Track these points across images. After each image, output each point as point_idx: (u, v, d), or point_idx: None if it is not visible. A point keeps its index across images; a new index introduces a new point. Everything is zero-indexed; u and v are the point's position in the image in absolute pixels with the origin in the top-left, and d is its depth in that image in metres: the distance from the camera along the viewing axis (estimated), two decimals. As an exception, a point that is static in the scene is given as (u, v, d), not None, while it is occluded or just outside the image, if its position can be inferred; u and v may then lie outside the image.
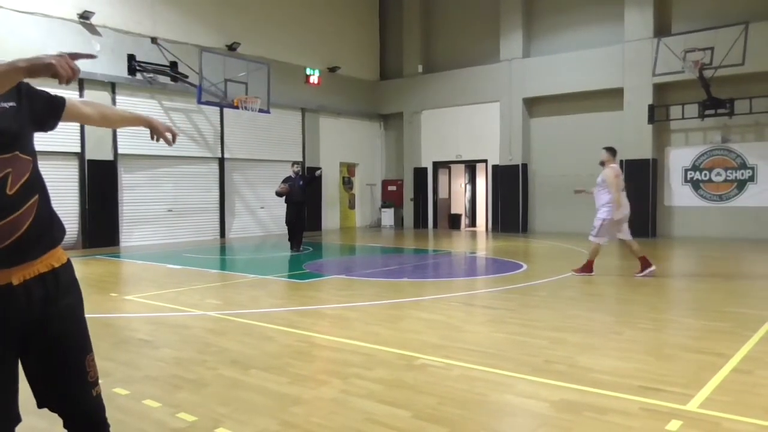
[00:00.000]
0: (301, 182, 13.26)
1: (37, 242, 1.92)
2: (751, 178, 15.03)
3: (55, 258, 1.98)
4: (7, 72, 1.63)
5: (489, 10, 18.79)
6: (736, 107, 14.36)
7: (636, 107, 15.85)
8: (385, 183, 21.49)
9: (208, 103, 14.57)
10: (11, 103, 1.88)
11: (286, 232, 13.47)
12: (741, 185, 15.17)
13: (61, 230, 2.05)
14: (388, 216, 20.81)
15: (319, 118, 19.36)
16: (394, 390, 3.96)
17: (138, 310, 6.85)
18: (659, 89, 15.78)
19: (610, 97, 16.45)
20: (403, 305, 7.04)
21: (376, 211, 21.49)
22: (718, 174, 15.46)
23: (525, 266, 10.27)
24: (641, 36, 15.80)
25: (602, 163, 9.10)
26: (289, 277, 9.43)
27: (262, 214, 17.73)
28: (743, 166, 15.13)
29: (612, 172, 8.85)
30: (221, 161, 16.54)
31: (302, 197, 13.29)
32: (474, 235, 18.18)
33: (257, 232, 17.53)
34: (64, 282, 1.99)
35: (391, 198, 21.09)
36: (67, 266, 2.04)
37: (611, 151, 9.13)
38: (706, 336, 5.44)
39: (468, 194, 21.54)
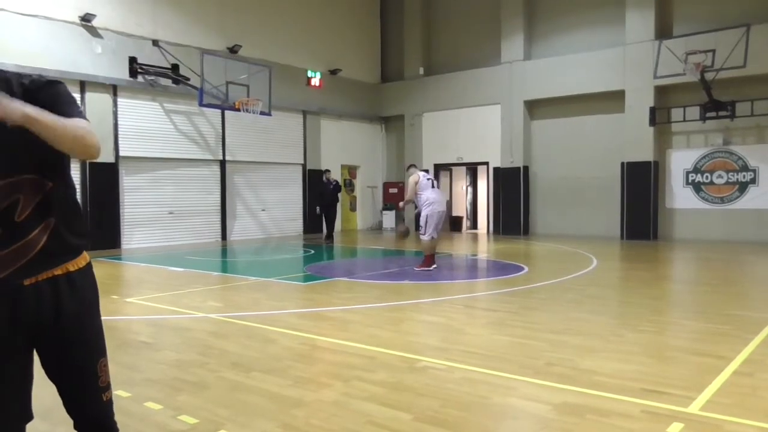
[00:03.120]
0: (332, 186, 16.13)
1: (50, 260, 1.89)
2: (753, 181, 15.02)
3: (72, 263, 1.95)
4: None
5: (490, 12, 18.81)
6: (737, 109, 14.35)
7: (637, 109, 15.85)
8: (387, 185, 21.49)
9: (209, 105, 14.58)
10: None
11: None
12: (742, 188, 15.16)
13: (83, 243, 2.00)
14: (389, 218, 20.79)
15: (321, 121, 19.38)
16: (395, 392, 3.96)
17: (139, 313, 6.86)
18: (660, 91, 15.78)
19: (612, 100, 16.45)
20: (405, 308, 7.04)
21: (378, 213, 21.49)
22: (720, 176, 15.45)
23: (526, 269, 10.26)
24: (642, 38, 15.80)
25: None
26: (290, 279, 9.43)
27: (264, 216, 17.74)
28: (745, 168, 15.12)
29: (411, 179, 10.31)
30: (222, 163, 16.55)
31: (331, 200, 16.10)
32: (475, 237, 18.18)
33: (258, 234, 17.54)
34: (78, 286, 1.96)
35: (392, 200, 21.08)
36: (84, 270, 2.00)
37: (412, 166, 10.91)
38: (708, 339, 5.43)
39: (469, 196, 21.53)
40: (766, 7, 14.38)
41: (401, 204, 10.87)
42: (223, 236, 16.58)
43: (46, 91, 1.82)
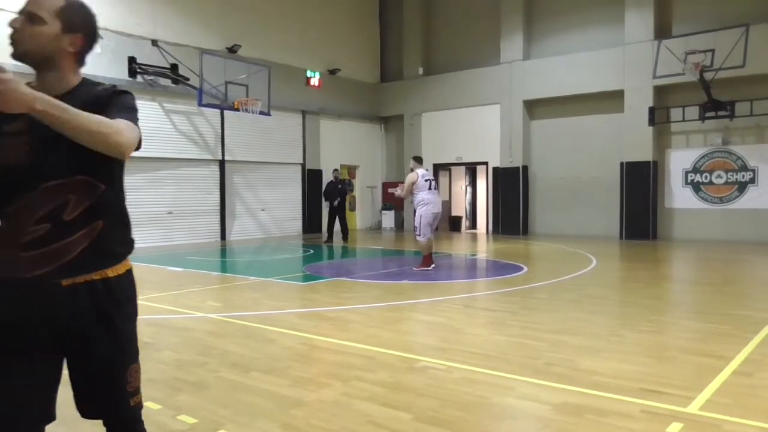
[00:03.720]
0: (339, 186, 15.99)
1: (90, 263, 1.90)
2: (752, 181, 15.03)
3: (111, 268, 1.97)
4: None
5: (489, 12, 18.81)
6: (736, 109, 14.36)
7: (636, 109, 15.86)
8: (386, 185, 21.48)
9: (208, 105, 14.58)
10: None
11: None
12: (742, 187, 15.17)
13: (126, 252, 2.04)
14: (388, 218, 20.79)
15: (320, 121, 19.37)
16: (395, 392, 3.96)
17: (139, 313, 6.83)
18: (660, 91, 15.79)
19: (611, 99, 16.46)
20: (404, 307, 7.04)
21: (377, 213, 21.49)
22: (719, 176, 15.46)
23: (525, 268, 10.27)
24: (642, 38, 15.81)
25: (412, 170, 10.37)
26: (290, 279, 9.43)
27: (263, 216, 17.74)
28: (744, 168, 15.13)
29: (410, 176, 10.18)
30: (222, 163, 16.54)
31: (336, 198, 15.91)
32: (474, 237, 18.19)
33: (258, 234, 17.53)
34: (115, 291, 1.97)
35: (391, 200, 21.08)
36: (123, 277, 2.01)
37: (416, 159, 10.55)
38: (707, 338, 5.43)
39: (468, 196, 21.54)
40: (766, 6, 14.38)
41: (396, 193, 10.62)
42: (223, 236, 16.58)
43: (110, 98, 1.92)
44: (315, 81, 18.83)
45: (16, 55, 1.88)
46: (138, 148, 1.92)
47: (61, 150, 1.80)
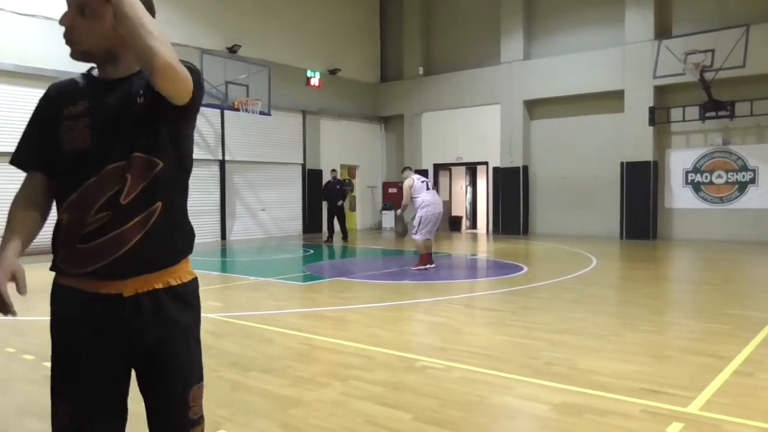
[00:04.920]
0: (338, 186, 15.99)
1: (150, 258, 1.72)
2: (752, 180, 15.02)
3: (174, 275, 1.78)
4: None
5: (489, 12, 18.80)
6: (736, 109, 14.35)
7: (637, 109, 15.85)
8: (386, 185, 21.48)
9: (208, 105, 14.57)
10: (135, 93, 1.72)
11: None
12: (742, 187, 15.16)
13: (186, 245, 1.84)
14: (388, 218, 20.78)
15: (320, 121, 19.37)
16: (394, 392, 3.96)
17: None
18: (660, 91, 15.78)
19: (611, 99, 16.45)
20: (404, 307, 7.04)
21: (377, 213, 21.48)
22: (719, 176, 15.44)
23: (526, 268, 10.26)
24: (642, 38, 15.80)
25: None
26: (290, 279, 9.42)
27: (263, 216, 17.74)
28: (744, 168, 15.12)
29: (406, 182, 10.50)
30: (222, 163, 16.54)
31: (335, 199, 15.88)
32: (474, 237, 18.18)
33: (258, 234, 17.53)
34: (180, 302, 1.80)
35: (391, 200, 21.07)
36: (189, 285, 1.83)
37: (407, 168, 11.17)
38: (707, 338, 5.43)
39: (469, 196, 21.53)
40: (766, 7, 14.38)
41: (399, 211, 11.08)
42: (223, 236, 16.58)
43: None
44: (315, 81, 18.83)
45: (74, 56, 1.75)
46: (193, 101, 1.72)
47: (121, 131, 1.69)
